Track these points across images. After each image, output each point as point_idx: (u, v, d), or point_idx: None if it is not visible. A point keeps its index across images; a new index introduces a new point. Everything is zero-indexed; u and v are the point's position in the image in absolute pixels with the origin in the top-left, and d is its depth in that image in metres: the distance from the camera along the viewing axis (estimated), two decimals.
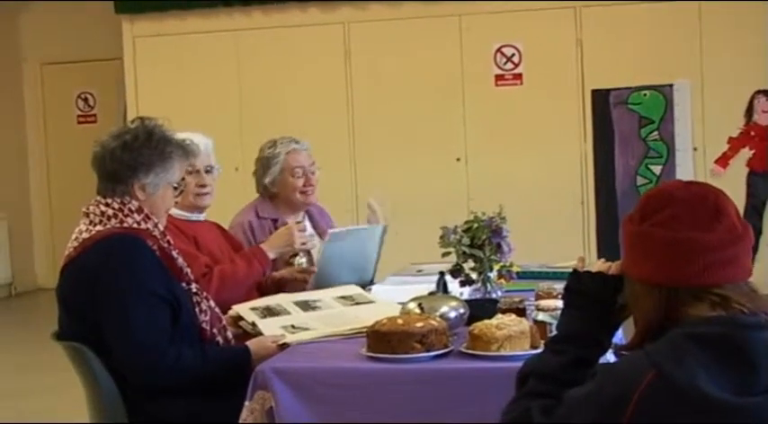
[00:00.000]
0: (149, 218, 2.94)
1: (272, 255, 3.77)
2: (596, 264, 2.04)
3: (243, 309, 3.26)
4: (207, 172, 3.73)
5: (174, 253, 2.98)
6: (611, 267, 2.00)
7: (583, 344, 1.95)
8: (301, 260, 3.89)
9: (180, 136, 3.63)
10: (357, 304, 3.39)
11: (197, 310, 2.97)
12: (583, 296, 2.00)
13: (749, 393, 1.66)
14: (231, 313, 3.26)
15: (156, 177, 2.94)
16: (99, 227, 2.88)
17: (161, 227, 2.98)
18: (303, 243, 3.85)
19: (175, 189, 3.03)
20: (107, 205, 2.91)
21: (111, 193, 2.93)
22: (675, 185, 1.87)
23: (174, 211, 3.63)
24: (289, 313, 3.23)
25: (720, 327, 1.71)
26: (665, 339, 1.73)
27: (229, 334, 3.08)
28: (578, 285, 2.02)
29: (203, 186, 3.71)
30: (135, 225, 2.89)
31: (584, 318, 1.97)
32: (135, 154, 2.92)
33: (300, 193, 4.18)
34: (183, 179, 3.05)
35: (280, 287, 3.86)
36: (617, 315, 1.99)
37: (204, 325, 2.97)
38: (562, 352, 1.95)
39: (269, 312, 3.23)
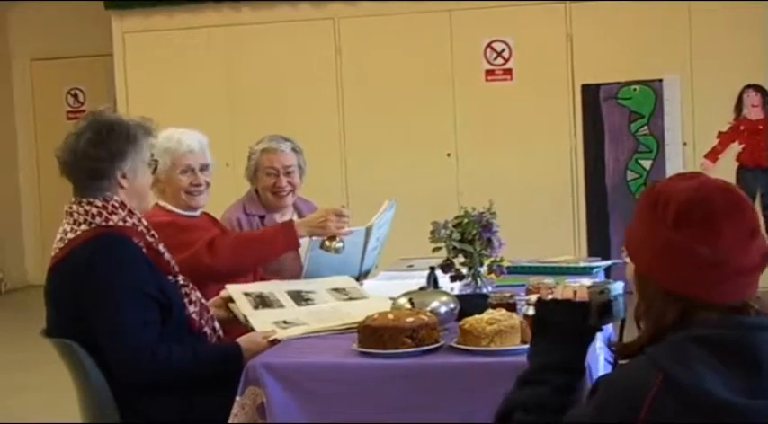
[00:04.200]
0: (133, 214, 2.94)
1: (302, 232, 3.66)
2: (559, 289, 2.00)
3: (236, 293, 3.27)
4: (201, 170, 3.71)
5: (161, 247, 2.99)
6: (576, 292, 1.96)
7: (560, 372, 1.91)
8: (338, 245, 3.67)
9: (175, 133, 3.65)
10: (350, 299, 3.40)
11: (186, 301, 2.98)
12: (553, 326, 1.96)
13: (759, 394, 1.63)
14: (223, 294, 3.28)
15: (132, 161, 2.94)
16: (84, 227, 2.86)
17: (144, 222, 2.98)
18: (339, 228, 3.68)
19: (149, 165, 3.04)
20: (90, 203, 2.89)
21: (95, 192, 2.91)
22: (711, 190, 1.76)
23: (170, 207, 3.64)
24: (281, 306, 3.24)
25: (726, 330, 1.68)
26: (669, 342, 1.69)
27: (217, 324, 3.09)
28: (547, 314, 1.98)
29: (198, 185, 3.69)
30: (120, 223, 2.88)
31: (558, 348, 1.93)
32: (106, 145, 2.91)
33: (271, 193, 4.15)
34: (152, 154, 3.05)
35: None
36: (587, 338, 1.97)
37: (194, 316, 2.99)
38: (543, 382, 1.90)
39: (261, 301, 3.24)
